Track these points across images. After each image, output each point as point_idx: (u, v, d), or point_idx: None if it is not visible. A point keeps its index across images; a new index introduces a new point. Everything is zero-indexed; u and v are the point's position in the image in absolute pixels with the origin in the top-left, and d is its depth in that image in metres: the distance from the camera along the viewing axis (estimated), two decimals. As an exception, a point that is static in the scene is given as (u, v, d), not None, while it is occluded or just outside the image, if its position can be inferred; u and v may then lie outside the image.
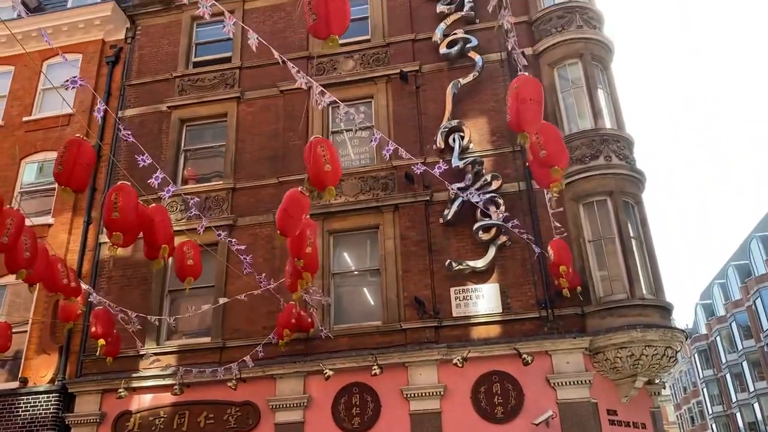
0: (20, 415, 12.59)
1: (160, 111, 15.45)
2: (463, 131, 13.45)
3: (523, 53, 13.37)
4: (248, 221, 13.84)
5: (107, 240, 13.58)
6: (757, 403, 51.14)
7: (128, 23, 16.65)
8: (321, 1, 4.81)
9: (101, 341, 10.41)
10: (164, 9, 16.64)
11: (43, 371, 13.05)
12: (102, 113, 8.00)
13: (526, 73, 7.03)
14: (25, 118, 15.95)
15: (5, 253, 6.96)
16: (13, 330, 13.32)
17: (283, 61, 6.92)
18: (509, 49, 8.44)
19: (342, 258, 13.68)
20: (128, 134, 8.06)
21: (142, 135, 14.70)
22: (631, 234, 12.13)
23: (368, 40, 15.21)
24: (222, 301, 12.68)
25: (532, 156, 7.12)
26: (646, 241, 12.35)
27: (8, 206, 7.05)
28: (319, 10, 4.77)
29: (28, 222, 7.56)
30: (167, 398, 12.34)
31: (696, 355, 62.85)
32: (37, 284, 8.06)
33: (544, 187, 7.20)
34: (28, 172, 15.75)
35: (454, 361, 11.30)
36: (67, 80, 6.71)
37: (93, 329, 10.50)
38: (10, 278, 13.28)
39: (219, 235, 10.62)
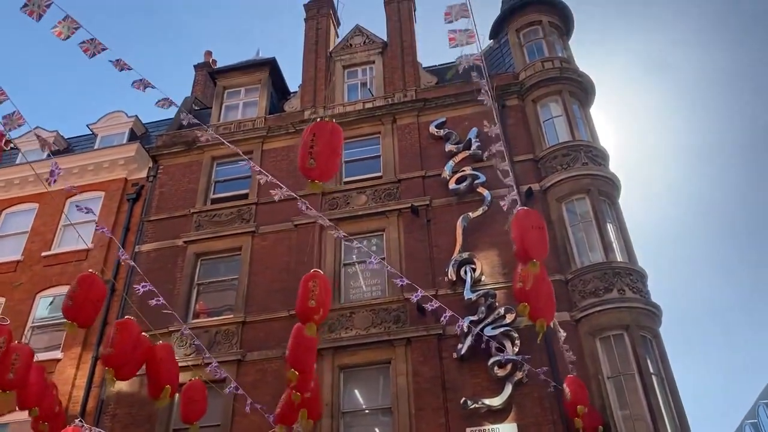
0: None
1: (176, 246, 15.76)
2: (474, 264, 13.52)
3: (530, 189, 13.90)
4: (256, 356, 13.60)
5: (112, 383, 13.44)
6: None
7: (151, 163, 17.46)
8: (323, 153, 5.37)
9: None
10: (186, 150, 17.51)
11: None
12: (124, 255, 8.18)
13: (525, 207, 7.23)
14: (44, 253, 16.30)
15: (14, 389, 6.84)
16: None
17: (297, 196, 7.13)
18: (508, 185, 8.68)
19: (353, 395, 13.24)
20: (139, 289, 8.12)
21: (157, 269, 14.93)
22: (651, 370, 11.74)
23: (380, 177, 15.77)
24: None
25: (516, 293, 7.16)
26: (667, 377, 11.91)
27: (16, 342, 7.03)
28: (320, 160, 5.34)
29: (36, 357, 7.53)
30: None
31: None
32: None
33: (532, 321, 7.19)
34: (42, 307, 15.83)
35: None
36: (84, 210, 6.96)
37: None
38: (11, 416, 12.96)
39: (218, 373, 10.36)
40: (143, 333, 7.64)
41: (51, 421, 8.01)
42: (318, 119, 5.92)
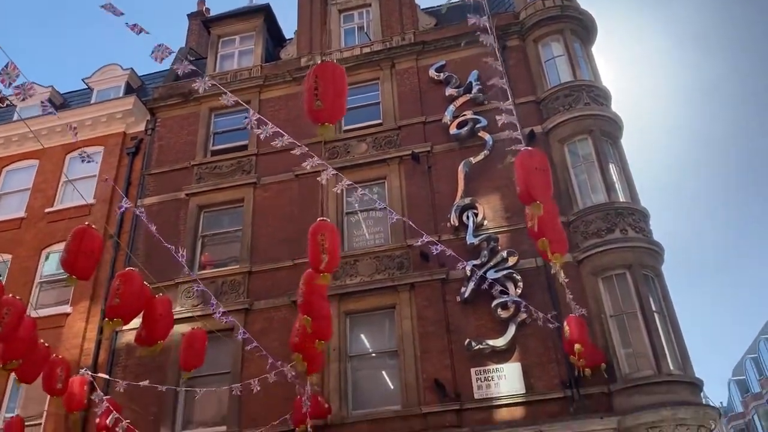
0: None
1: (179, 198, 15.77)
2: (476, 209, 13.52)
3: (532, 131, 13.75)
4: (263, 305, 13.78)
5: (123, 328, 13.61)
6: (804, 487, 48.12)
7: (149, 116, 17.30)
8: (329, 94, 5.19)
9: None
10: (183, 101, 17.30)
11: (56, 465, 12.73)
12: (123, 208, 8.17)
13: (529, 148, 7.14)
14: (47, 210, 16.34)
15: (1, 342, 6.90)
16: (29, 423, 13.20)
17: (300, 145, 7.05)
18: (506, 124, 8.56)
19: (359, 340, 13.46)
20: (142, 211, 8.16)
21: (160, 223, 14.84)
22: (654, 308, 11.86)
23: (380, 124, 15.61)
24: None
25: (530, 231, 7.11)
26: (669, 314, 12.04)
27: (10, 295, 7.06)
28: (326, 101, 5.15)
29: (36, 313, 7.63)
30: (182, 492, 11.90)
31: (734, 435, 59.83)
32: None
33: (545, 259, 7.22)
34: (49, 263, 15.96)
35: (478, 445, 10.86)
36: (83, 153, 6.93)
37: (98, 420, 10.33)
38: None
39: (227, 319, 10.51)
40: (146, 284, 7.70)
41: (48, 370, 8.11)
42: (319, 62, 5.76)
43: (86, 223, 6.97)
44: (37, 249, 15.67)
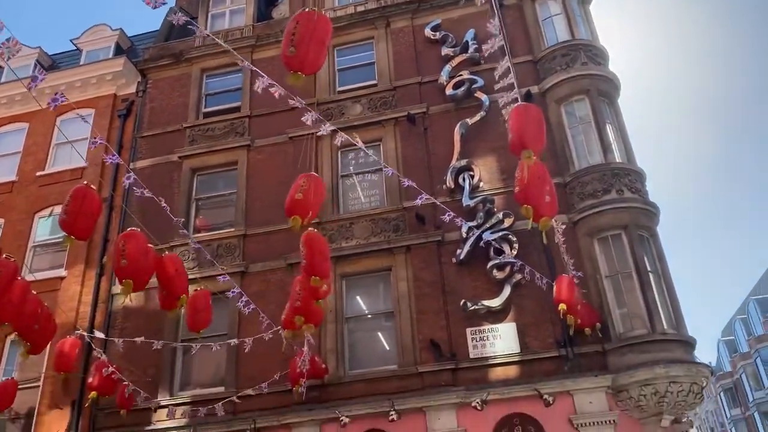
0: (31, 473, 12.33)
1: (171, 161, 15.61)
2: (472, 170, 13.45)
3: (529, 92, 13.60)
4: (260, 267, 13.77)
5: (119, 291, 13.61)
6: (788, 442, 49.42)
7: (139, 77, 17.01)
8: (304, 41, 5.01)
9: (93, 393, 10.29)
10: (174, 62, 17.00)
11: (56, 426, 12.84)
12: (115, 161, 8.06)
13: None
14: (38, 173, 16.17)
15: None
16: (26, 385, 13.27)
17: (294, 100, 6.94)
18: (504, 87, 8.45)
19: (355, 302, 13.52)
20: (130, 176, 8.07)
21: (153, 186, 14.65)
22: (648, 268, 11.92)
23: (375, 85, 15.41)
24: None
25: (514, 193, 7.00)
26: (663, 274, 12.12)
27: (4, 256, 7.00)
28: (300, 48, 4.98)
29: (33, 276, 7.59)
30: (181, 451, 12.07)
31: (722, 394, 61.17)
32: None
33: (534, 221, 7.11)
34: (42, 227, 15.85)
35: (474, 404, 11.04)
36: (79, 118, 6.81)
37: (90, 380, 10.39)
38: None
39: (224, 278, 10.52)
40: (150, 246, 7.66)
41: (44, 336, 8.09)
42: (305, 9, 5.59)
43: (85, 183, 6.88)
44: (29, 213, 15.55)
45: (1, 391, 10.25)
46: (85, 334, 11.42)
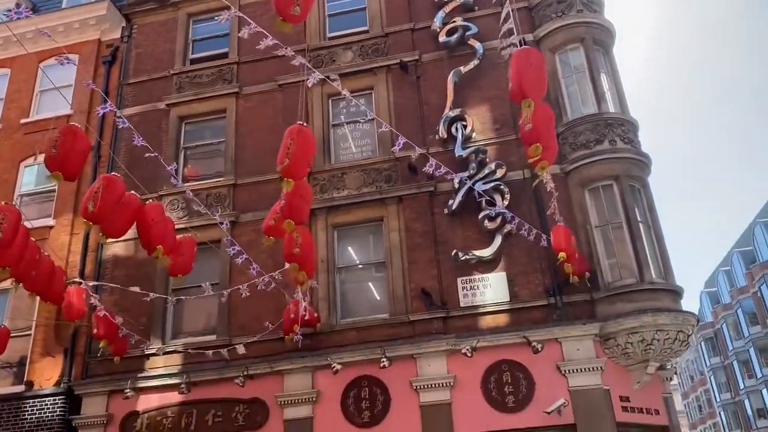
0: (26, 419, 12.48)
1: (159, 109, 15.33)
2: (465, 120, 13.31)
3: (523, 40, 13.34)
4: (251, 217, 13.69)
5: (109, 240, 13.51)
6: (765, 390, 51.01)
7: (124, 22, 16.52)
8: None
9: (103, 342, 10.33)
10: (160, 7, 16.50)
11: (48, 374, 12.94)
12: (107, 108, 7.89)
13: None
14: (22, 121, 15.84)
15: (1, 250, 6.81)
16: (18, 334, 13.30)
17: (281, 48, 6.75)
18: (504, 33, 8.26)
19: (346, 252, 13.54)
20: (123, 120, 7.93)
21: (141, 134, 14.35)
22: (639, 218, 11.98)
23: (366, 31, 15.07)
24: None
25: (523, 133, 6.94)
26: (653, 224, 12.20)
27: (3, 202, 6.92)
28: None
29: (28, 224, 7.51)
30: (174, 397, 12.24)
31: (702, 344, 62.75)
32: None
33: (533, 166, 7.11)
34: (28, 175, 15.62)
35: (463, 351, 11.19)
36: (62, 56, 6.65)
37: (95, 330, 10.41)
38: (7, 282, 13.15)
39: (223, 224, 10.47)
40: (133, 193, 7.56)
41: (46, 283, 8.08)
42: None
43: (73, 123, 6.73)
44: (14, 161, 15.29)
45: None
46: (80, 280, 11.38)
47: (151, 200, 9.06)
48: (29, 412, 12.52)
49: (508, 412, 11.08)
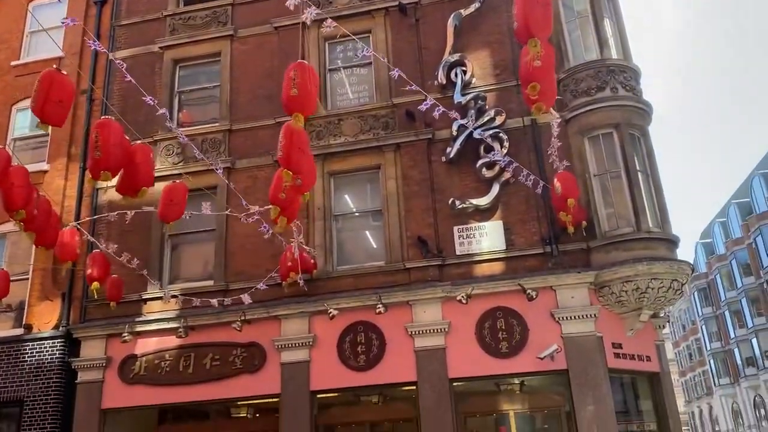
0: (26, 361, 12.65)
1: (152, 52, 15.00)
2: (465, 65, 13.04)
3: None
4: (246, 164, 13.58)
5: (104, 185, 13.43)
6: (755, 339, 51.99)
7: (114, -40, 15.96)
8: None
9: (95, 284, 10.36)
10: (151, -56, 15.93)
11: (46, 318, 13.05)
12: (96, 47, 7.68)
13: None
14: (13, 63, 15.51)
15: None
16: (16, 278, 13.35)
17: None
18: None
19: (343, 200, 13.48)
20: (122, 65, 7.73)
21: (134, 78, 14.08)
22: (638, 167, 11.89)
23: (364, -28, 14.59)
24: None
25: (522, 71, 6.76)
26: (652, 174, 12.11)
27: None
28: None
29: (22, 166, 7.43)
30: (172, 341, 12.38)
31: (696, 294, 63.56)
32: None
33: (530, 106, 6.97)
34: (21, 119, 15.38)
35: (459, 297, 11.26)
36: (65, 19, 6.47)
37: (89, 272, 10.42)
38: (9, 226, 13.12)
39: (218, 170, 10.37)
40: (126, 137, 7.44)
41: (43, 225, 8.05)
42: None
43: (54, 66, 6.55)
44: (6, 104, 15.03)
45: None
46: (75, 223, 11.34)
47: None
48: (29, 355, 12.69)
49: (501, 357, 11.23)
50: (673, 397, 12.04)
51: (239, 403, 12.86)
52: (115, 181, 7.83)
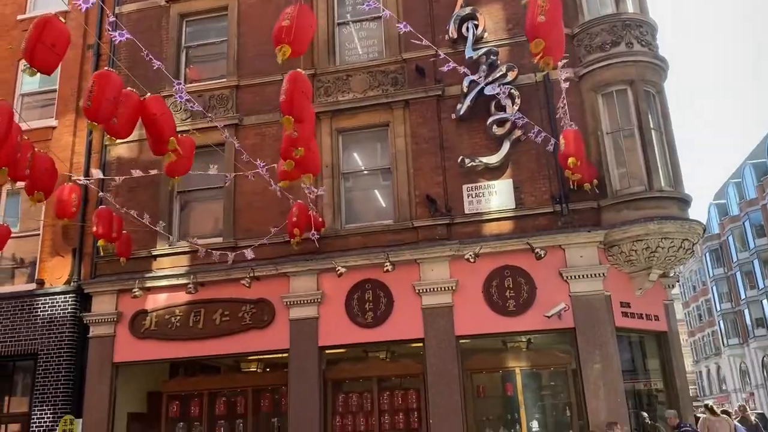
0: (40, 315, 12.85)
1: (158, 6, 14.75)
2: (477, 19, 12.73)
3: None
4: (254, 120, 13.46)
5: (108, 141, 13.43)
6: (766, 300, 51.87)
7: None
8: None
9: (102, 241, 10.40)
10: None
11: (58, 273, 13.20)
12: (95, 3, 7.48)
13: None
14: (19, 17, 15.34)
15: None
16: (28, 234, 13.47)
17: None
18: None
19: (351, 157, 13.36)
20: (123, 33, 7.57)
21: (141, 32, 14.06)
22: (651, 125, 11.66)
23: None
24: None
25: (527, 27, 6.55)
26: (666, 132, 11.88)
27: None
28: None
29: (28, 125, 7.36)
30: (182, 297, 12.50)
31: (707, 255, 63.26)
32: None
33: (537, 62, 6.81)
34: (27, 75, 15.26)
35: (466, 256, 11.23)
36: None
37: (95, 229, 10.44)
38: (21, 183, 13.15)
39: (225, 136, 10.28)
40: (130, 89, 7.33)
41: (40, 180, 7.99)
42: None
43: (52, 12, 6.40)
44: (12, 60, 14.90)
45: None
46: (81, 178, 11.34)
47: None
48: (41, 309, 12.87)
49: (508, 315, 11.25)
50: (680, 356, 12.06)
51: (249, 358, 13.05)
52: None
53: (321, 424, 11.50)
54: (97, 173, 12.40)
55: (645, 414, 11.59)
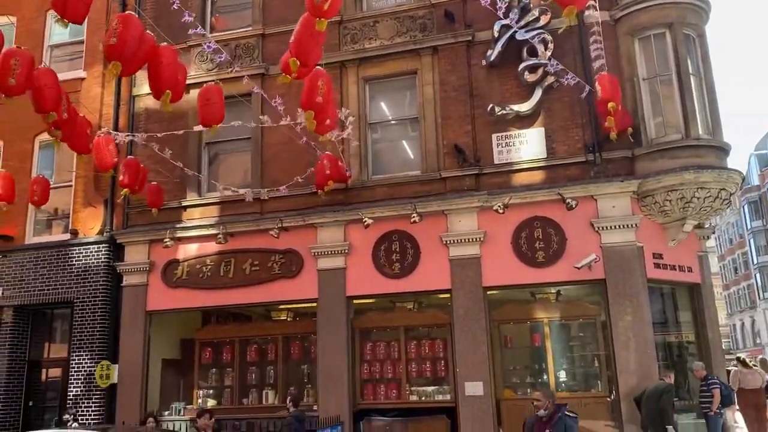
0: (74, 264, 13.16)
1: (182, -47, 14.47)
2: (508, -39, 12.20)
3: None
4: (280, 69, 13.24)
5: (141, 93, 13.38)
6: (805, 253, 50.65)
7: None
8: None
9: (125, 190, 10.50)
10: None
11: (90, 223, 13.44)
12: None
13: None
14: (45, -32, 15.23)
15: (18, 94, 6.72)
16: (61, 185, 13.70)
17: None
18: None
19: (378, 107, 13.15)
20: None
21: (165, -20, 13.86)
22: (690, 70, 11.15)
23: None
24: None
25: None
26: (706, 78, 11.38)
27: (15, 47, 6.75)
28: None
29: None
30: (212, 247, 12.65)
31: (746, 206, 61.75)
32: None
33: (562, 7, 6.52)
34: (57, 26, 15.24)
35: (495, 207, 11.07)
36: None
37: (120, 178, 10.53)
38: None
39: (245, 79, 10.13)
40: (149, 33, 7.22)
41: (76, 131, 8.06)
42: None
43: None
44: (40, 10, 14.88)
45: (35, 183, 10.52)
46: (112, 132, 11.39)
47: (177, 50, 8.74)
48: (76, 259, 13.18)
49: (537, 266, 11.13)
50: (714, 308, 11.84)
51: (279, 306, 13.24)
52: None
53: (349, 372, 11.68)
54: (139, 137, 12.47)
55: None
